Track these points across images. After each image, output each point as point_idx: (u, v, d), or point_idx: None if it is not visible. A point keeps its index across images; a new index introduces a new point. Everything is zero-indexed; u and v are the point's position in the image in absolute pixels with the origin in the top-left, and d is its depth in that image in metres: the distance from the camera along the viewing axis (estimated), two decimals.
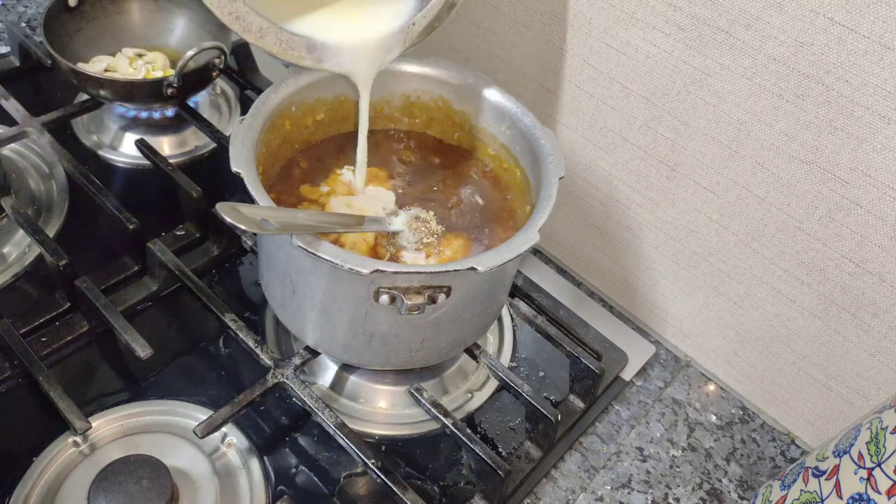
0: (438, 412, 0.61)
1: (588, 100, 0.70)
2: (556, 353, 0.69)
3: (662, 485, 0.65)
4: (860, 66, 0.52)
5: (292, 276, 0.55)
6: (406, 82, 0.64)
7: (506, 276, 0.61)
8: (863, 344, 0.62)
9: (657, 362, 0.75)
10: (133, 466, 0.52)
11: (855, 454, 0.49)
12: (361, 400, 0.65)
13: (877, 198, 0.55)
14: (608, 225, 0.76)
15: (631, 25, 0.63)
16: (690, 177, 0.66)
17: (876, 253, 0.57)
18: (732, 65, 0.58)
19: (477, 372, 0.69)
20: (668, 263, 0.73)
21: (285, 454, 0.61)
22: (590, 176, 0.74)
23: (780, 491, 0.57)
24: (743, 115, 0.60)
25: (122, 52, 0.84)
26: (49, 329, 0.65)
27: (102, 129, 0.84)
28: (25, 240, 0.70)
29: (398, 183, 0.63)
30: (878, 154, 0.54)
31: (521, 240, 0.51)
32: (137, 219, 0.69)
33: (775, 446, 0.70)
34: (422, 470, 0.62)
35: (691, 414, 0.71)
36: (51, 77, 0.87)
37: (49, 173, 0.77)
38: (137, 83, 0.77)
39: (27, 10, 0.98)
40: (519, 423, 0.66)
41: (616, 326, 0.76)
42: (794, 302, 0.64)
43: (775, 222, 0.62)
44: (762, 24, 0.55)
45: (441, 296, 0.50)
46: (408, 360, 0.59)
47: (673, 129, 0.65)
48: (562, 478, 0.64)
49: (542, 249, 0.84)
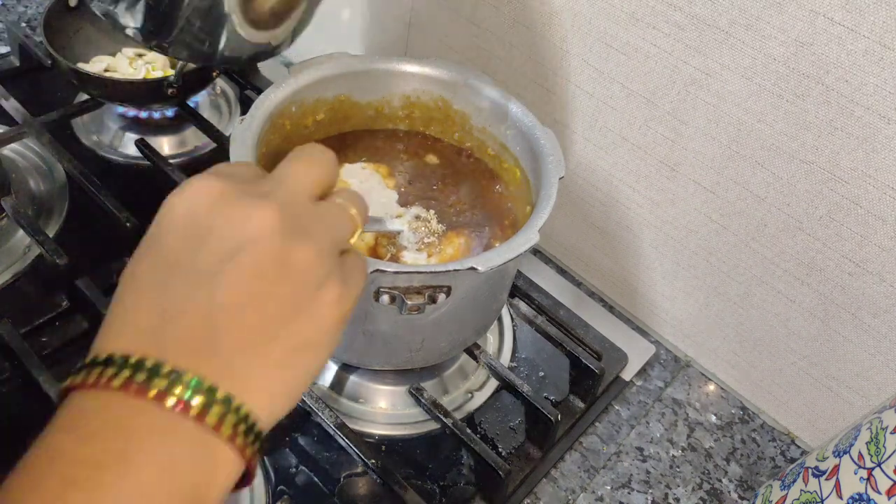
0: (438, 412, 0.61)
1: (588, 100, 0.70)
2: (556, 353, 0.69)
3: (662, 485, 0.65)
4: (860, 66, 0.52)
5: None
6: (406, 82, 0.64)
7: (506, 276, 0.61)
8: (863, 344, 0.62)
9: (657, 362, 0.75)
10: None
11: (855, 454, 0.49)
12: (361, 400, 0.65)
13: (877, 198, 0.55)
14: (608, 225, 0.76)
15: (631, 25, 0.63)
16: (690, 177, 0.66)
17: (876, 253, 0.58)
18: (732, 65, 0.58)
19: (477, 372, 0.69)
20: (668, 263, 0.73)
21: (285, 454, 0.61)
22: (590, 176, 0.74)
23: (780, 491, 0.57)
24: (743, 115, 0.60)
25: (122, 52, 0.84)
26: (49, 329, 0.65)
27: (102, 129, 0.84)
28: (25, 240, 0.70)
29: (399, 181, 0.63)
30: (878, 154, 0.54)
31: (521, 240, 0.51)
32: (137, 219, 0.69)
33: (775, 446, 0.70)
34: (422, 470, 0.62)
35: (691, 414, 0.71)
36: (51, 77, 0.87)
37: (49, 173, 0.77)
38: (137, 83, 0.77)
39: (27, 10, 0.98)
40: (519, 423, 0.66)
41: (616, 326, 0.76)
42: (794, 302, 0.64)
43: (775, 222, 0.62)
44: (762, 24, 0.55)
45: (441, 296, 0.50)
46: (408, 360, 0.59)
47: (673, 129, 0.65)
48: (562, 478, 0.64)
49: (542, 249, 0.84)
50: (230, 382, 0.29)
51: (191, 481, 0.28)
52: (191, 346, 0.29)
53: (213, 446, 0.28)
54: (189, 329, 0.29)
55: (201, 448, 0.28)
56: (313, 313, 0.32)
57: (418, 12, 0.81)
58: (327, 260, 0.33)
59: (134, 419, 0.27)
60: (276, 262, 0.31)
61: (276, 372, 0.31)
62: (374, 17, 0.87)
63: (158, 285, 0.30)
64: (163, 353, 0.28)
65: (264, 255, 0.31)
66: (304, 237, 0.32)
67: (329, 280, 0.33)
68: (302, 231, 0.32)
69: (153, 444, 0.27)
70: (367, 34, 0.90)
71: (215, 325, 0.30)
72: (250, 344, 0.30)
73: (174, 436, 0.28)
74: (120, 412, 0.28)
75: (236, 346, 0.30)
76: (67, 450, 0.27)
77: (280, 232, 0.31)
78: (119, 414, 0.27)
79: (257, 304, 0.30)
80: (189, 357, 0.29)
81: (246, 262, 0.30)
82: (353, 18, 0.90)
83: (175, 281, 0.30)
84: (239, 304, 0.30)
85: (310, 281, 0.32)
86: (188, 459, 0.28)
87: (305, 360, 0.32)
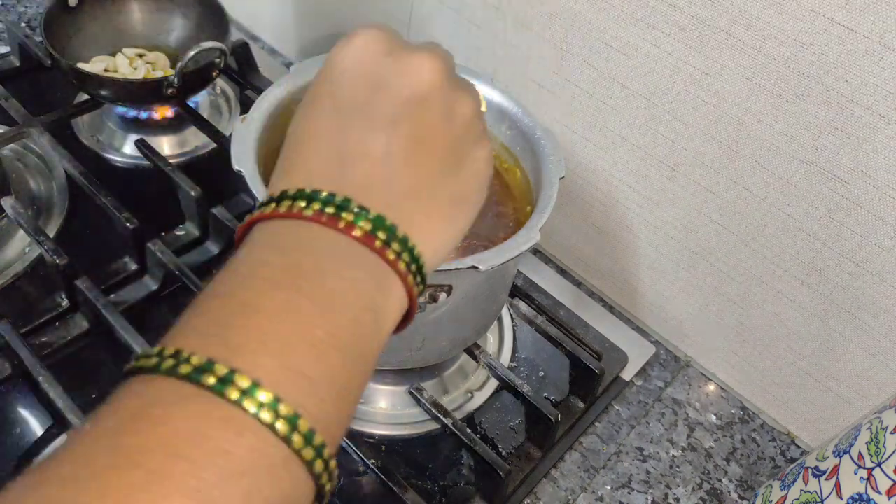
0: (438, 412, 0.61)
1: (588, 100, 0.70)
2: (556, 353, 0.69)
3: (662, 485, 0.65)
4: (860, 66, 0.52)
5: None
6: None
7: (506, 275, 0.61)
8: (863, 344, 0.62)
9: (657, 362, 0.75)
10: None
11: (855, 454, 0.49)
12: (361, 400, 0.65)
13: (877, 198, 0.56)
14: (608, 225, 0.76)
15: (631, 25, 0.63)
16: (690, 177, 0.66)
17: (876, 253, 0.58)
18: (732, 65, 0.58)
19: (477, 372, 0.69)
20: (668, 263, 0.73)
21: None
22: (590, 176, 0.74)
23: (780, 491, 0.57)
24: (743, 115, 0.60)
25: (122, 52, 0.84)
26: (49, 329, 0.65)
27: (102, 129, 0.84)
28: (25, 240, 0.70)
29: None
30: (878, 154, 0.54)
31: (521, 239, 0.51)
32: (137, 219, 0.69)
33: (775, 446, 0.70)
34: (422, 470, 0.62)
35: (691, 414, 0.71)
36: (51, 77, 0.87)
37: (49, 173, 0.77)
38: (137, 83, 0.77)
39: (27, 10, 0.98)
40: (519, 423, 0.66)
41: (616, 326, 0.76)
42: (794, 302, 0.65)
43: (775, 222, 0.62)
44: (762, 24, 0.55)
45: (442, 294, 0.50)
46: (408, 359, 0.59)
47: (673, 129, 0.65)
48: (562, 478, 0.64)
49: (542, 249, 0.84)
50: (405, 225, 0.31)
51: (373, 303, 0.29)
52: (370, 188, 0.30)
53: (390, 280, 0.30)
54: (367, 173, 0.31)
55: (381, 278, 0.30)
56: (471, 167, 0.34)
57: (418, 12, 0.81)
58: (481, 118, 0.35)
59: (325, 243, 0.29)
60: (445, 114, 0.33)
61: (439, 221, 0.33)
62: (374, 17, 0.87)
63: (336, 130, 0.32)
64: (345, 193, 0.30)
65: (436, 105, 0.32)
66: (465, 92, 0.34)
67: (482, 138, 0.35)
68: (463, 87, 0.34)
69: (343, 264, 0.29)
70: None
71: (392, 170, 0.31)
72: (421, 190, 0.32)
73: (360, 263, 0.29)
74: (311, 235, 0.29)
75: (410, 192, 0.31)
76: (270, 260, 0.28)
77: (448, 85, 0.33)
78: (311, 236, 0.29)
79: (430, 152, 0.32)
80: (368, 198, 0.30)
81: (419, 111, 0.32)
82: (353, 18, 0.90)
83: (352, 125, 0.32)
84: (414, 151, 0.32)
85: (470, 136, 0.34)
86: (372, 284, 0.29)
87: (462, 213, 0.34)
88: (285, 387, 0.25)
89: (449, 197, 0.33)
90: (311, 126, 0.33)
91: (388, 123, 0.31)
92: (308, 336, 0.26)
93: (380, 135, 0.31)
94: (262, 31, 1.04)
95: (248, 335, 0.26)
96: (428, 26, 0.81)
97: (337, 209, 0.29)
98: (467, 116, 0.34)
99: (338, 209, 0.29)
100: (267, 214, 0.30)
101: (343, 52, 0.33)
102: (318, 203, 0.29)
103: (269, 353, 0.25)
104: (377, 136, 0.31)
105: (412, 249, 0.31)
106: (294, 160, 0.32)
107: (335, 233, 0.29)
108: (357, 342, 0.28)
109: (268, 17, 1.02)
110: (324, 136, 0.32)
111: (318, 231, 0.29)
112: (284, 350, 0.26)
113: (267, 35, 1.04)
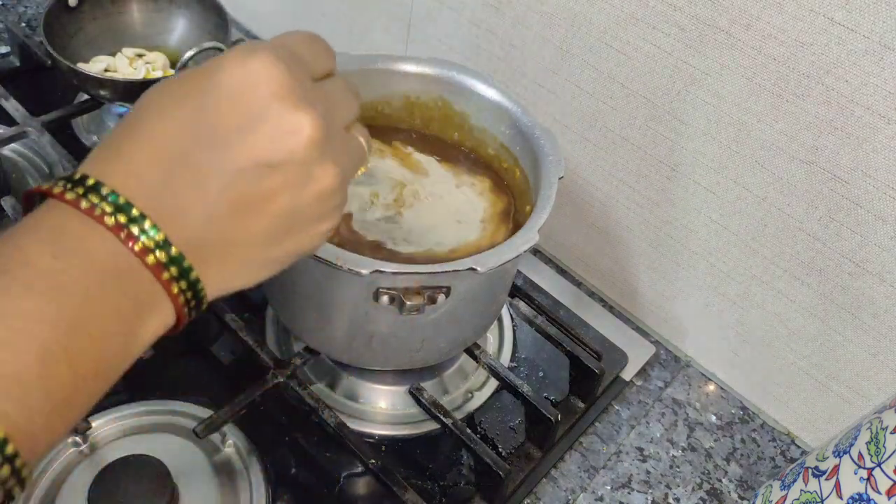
0: (438, 412, 0.61)
1: (588, 100, 0.70)
2: (556, 353, 0.69)
3: (662, 485, 0.65)
4: (860, 66, 0.52)
5: (292, 277, 0.55)
6: (406, 82, 0.64)
7: (506, 276, 0.61)
8: (863, 344, 0.62)
9: (657, 362, 0.75)
10: (133, 466, 0.52)
11: (855, 454, 0.49)
12: (361, 400, 0.65)
13: (877, 198, 0.55)
14: (608, 225, 0.76)
15: (631, 25, 0.63)
16: (690, 177, 0.66)
17: (876, 253, 0.57)
18: (732, 65, 0.58)
19: (477, 372, 0.69)
20: (668, 263, 0.73)
21: (285, 454, 0.61)
22: (590, 176, 0.74)
23: (780, 491, 0.57)
24: (743, 115, 0.60)
25: (122, 52, 0.84)
26: None
27: (102, 129, 0.84)
28: None
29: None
30: (878, 154, 0.54)
31: (521, 240, 0.51)
32: None
33: (775, 446, 0.70)
34: (422, 470, 0.62)
35: (691, 414, 0.71)
36: (51, 77, 0.87)
37: (49, 173, 0.77)
38: (137, 83, 0.77)
39: (27, 10, 0.98)
40: (519, 423, 0.66)
41: (616, 326, 0.76)
42: (794, 302, 0.64)
43: (775, 222, 0.62)
44: (762, 24, 0.55)
45: (441, 296, 0.50)
46: (408, 360, 0.59)
47: (673, 129, 0.65)
48: (562, 478, 0.64)
49: (542, 249, 0.84)
50: (198, 263, 0.31)
51: (130, 327, 0.30)
52: (183, 215, 0.30)
53: (158, 298, 0.30)
54: (187, 204, 0.30)
55: (147, 298, 0.30)
56: (300, 241, 0.34)
57: (418, 12, 0.81)
58: (341, 191, 0.34)
59: (104, 253, 0.29)
60: (296, 185, 0.32)
61: (238, 270, 0.33)
62: (374, 17, 0.87)
63: (180, 145, 0.30)
64: (152, 210, 0.29)
65: (290, 174, 0.31)
66: (332, 164, 0.33)
67: (331, 214, 0.34)
68: (337, 154, 0.33)
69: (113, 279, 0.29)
70: (367, 34, 0.90)
71: (211, 215, 0.30)
72: (233, 245, 0.32)
73: (133, 278, 0.29)
74: (96, 238, 0.29)
75: (219, 241, 0.31)
76: (36, 261, 0.28)
77: (315, 154, 0.32)
78: (96, 240, 0.29)
79: (258, 219, 0.32)
80: (172, 223, 0.30)
81: (268, 177, 0.31)
82: (353, 18, 0.90)
83: (199, 150, 0.30)
84: (243, 211, 0.31)
85: (315, 210, 0.33)
86: (121, 292, 0.29)
87: (269, 272, 0.34)
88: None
89: (261, 260, 0.33)
90: (159, 124, 0.31)
91: (233, 172, 0.30)
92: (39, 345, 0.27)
93: (218, 181, 0.30)
94: (263, 31, 1.04)
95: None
96: (428, 26, 0.81)
97: (129, 221, 0.29)
98: (322, 191, 0.33)
99: (130, 221, 0.29)
100: (67, 200, 0.29)
101: (233, 70, 0.31)
102: (107, 206, 0.29)
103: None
104: (216, 179, 0.30)
105: (195, 283, 0.31)
106: (121, 149, 0.30)
107: (115, 240, 0.29)
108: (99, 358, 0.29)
109: (268, 17, 1.02)
110: (165, 144, 0.30)
111: (81, 218, 0.28)
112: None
113: (267, 35, 1.04)
